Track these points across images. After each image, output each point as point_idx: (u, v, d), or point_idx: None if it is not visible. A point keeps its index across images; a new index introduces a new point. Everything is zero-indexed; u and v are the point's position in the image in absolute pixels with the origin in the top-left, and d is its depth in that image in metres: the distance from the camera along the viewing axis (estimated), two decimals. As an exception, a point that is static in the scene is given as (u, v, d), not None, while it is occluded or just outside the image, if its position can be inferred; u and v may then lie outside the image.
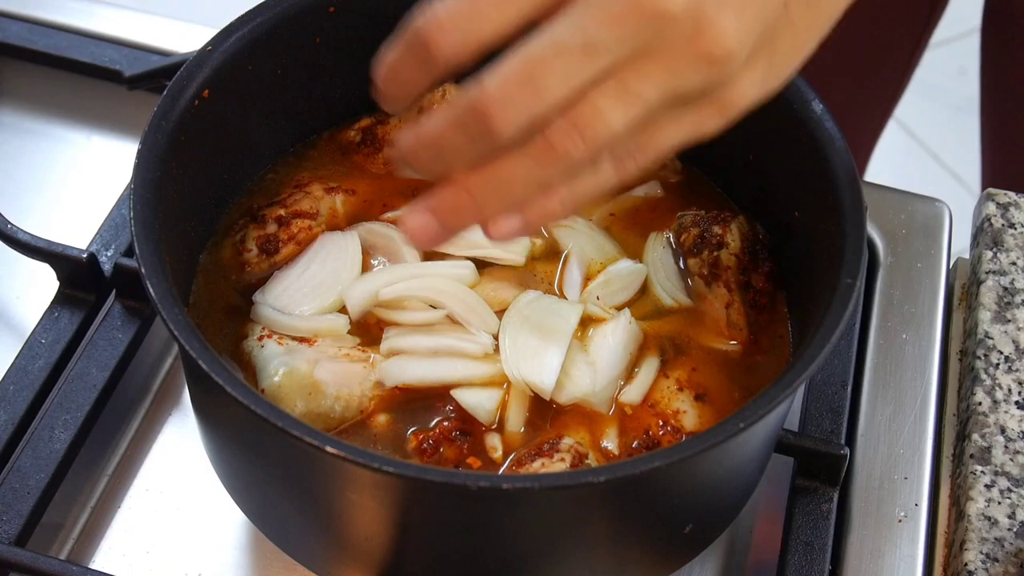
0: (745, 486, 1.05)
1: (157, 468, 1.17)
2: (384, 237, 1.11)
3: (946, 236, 1.32)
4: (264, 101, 1.12)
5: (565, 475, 0.88)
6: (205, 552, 1.11)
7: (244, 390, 0.85)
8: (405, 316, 1.05)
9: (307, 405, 0.99)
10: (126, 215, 1.11)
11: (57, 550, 1.11)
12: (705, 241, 1.09)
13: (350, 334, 1.04)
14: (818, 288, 0.99)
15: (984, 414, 1.16)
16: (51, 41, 1.42)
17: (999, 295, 1.23)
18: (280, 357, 1.00)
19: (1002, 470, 1.12)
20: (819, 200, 1.02)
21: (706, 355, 1.06)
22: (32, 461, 1.10)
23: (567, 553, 0.94)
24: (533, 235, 1.12)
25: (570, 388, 1.02)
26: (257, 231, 1.10)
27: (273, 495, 0.99)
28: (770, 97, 0.85)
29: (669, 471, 0.86)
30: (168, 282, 0.92)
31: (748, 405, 0.89)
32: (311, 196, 1.12)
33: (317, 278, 1.07)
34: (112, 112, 1.43)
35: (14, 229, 1.21)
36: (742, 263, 1.08)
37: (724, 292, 1.07)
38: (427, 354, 1.03)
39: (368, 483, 0.88)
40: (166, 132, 1.00)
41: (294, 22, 1.10)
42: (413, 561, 0.97)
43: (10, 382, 1.15)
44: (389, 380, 1.01)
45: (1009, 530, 1.09)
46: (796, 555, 1.08)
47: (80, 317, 1.20)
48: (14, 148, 1.41)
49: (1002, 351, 1.20)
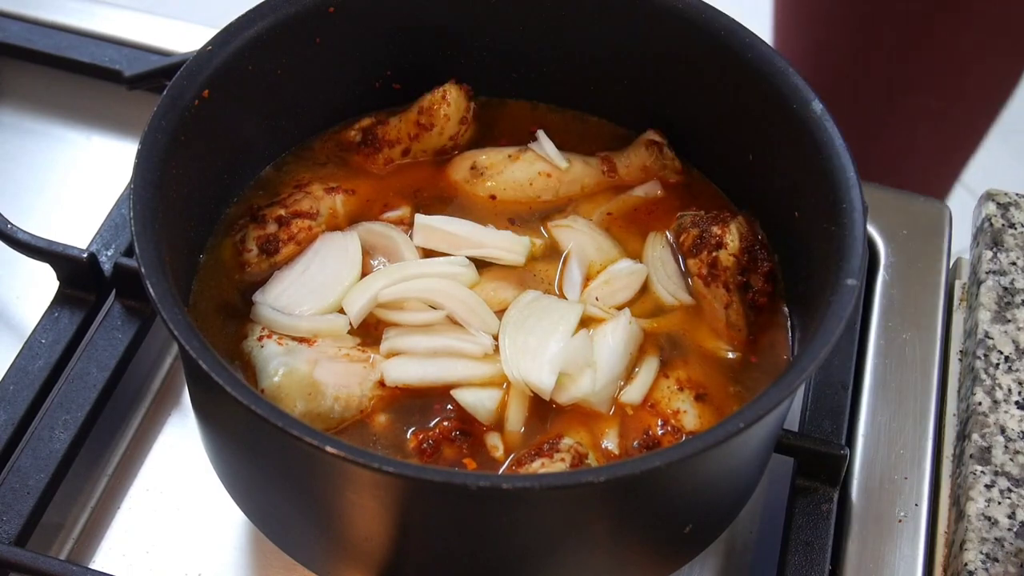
0: (745, 486, 1.05)
1: (157, 468, 1.17)
2: (384, 237, 1.11)
3: (946, 236, 1.32)
4: (264, 101, 1.12)
5: (565, 475, 0.88)
6: (205, 552, 1.11)
7: (244, 390, 0.85)
8: (405, 316, 1.05)
9: (307, 405, 0.99)
10: (126, 215, 1.11)
11: (57, 550, 1.11)
12: (704, 241, 1.09)
13: (350, 334, 1.04)
14: (818, 288, 0.99)
15: (984, 414, 1.16)
16: (51, 41, 1.42)
17: (999, 295, 1.23)
18: (280, 357, 1.00)
19: (1002, 470, 1.12)
20: (819, 200, 1.01)
21: (706, 355, 1.06)
22: (32, 461, 1.10)
23: (567, 553, 0.94)
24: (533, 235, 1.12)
25: (570, 388, 1.01)
26: (257, 231, 1.10)
27: (273, 495, 0.99)
28: None
29: (669, 471, 0.86)
30: (168, 282, 0.92)
31: (748, 405, 0.89)
32: (311, 196, 1.12)
33: (317, 279, 1.07)
34: (112, 112, 1.43)
35: (14, 229, 1.21)
36: (741, 263, 1.08)
37: (723, 292, 1.07)
38: (427, 354, 1.03)
39: (368, 483, 0.88)
40: (166, 132, 1.00)
41: (294, 22, 1.10)
42: (413, 561, 0.97)
43: (10, 382, 1.15)
44: (389, 380, 1.01)
45: (1009, 530, 1.09)
46: (796, 555, 1.08)
47: (80, 317, 1.20)
48: (14, 148, 1.41)
49: (1002, 351, 1.20)
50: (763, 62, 1.07)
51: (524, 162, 1.16)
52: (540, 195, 1.16)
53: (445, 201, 1.15)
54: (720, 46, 1.09)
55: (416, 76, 1.19)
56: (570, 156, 1.17)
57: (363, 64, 1.18)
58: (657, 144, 1.17)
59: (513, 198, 1.15)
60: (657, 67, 1.15)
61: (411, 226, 1.12)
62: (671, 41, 1.12)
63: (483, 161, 1.16)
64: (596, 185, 1.17)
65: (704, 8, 1.10)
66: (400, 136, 1.17)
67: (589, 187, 1.17)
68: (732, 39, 1.08)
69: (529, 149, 1.17)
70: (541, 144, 1.17)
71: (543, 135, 1.18)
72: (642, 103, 1.18)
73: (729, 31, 1.09)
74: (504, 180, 1.15)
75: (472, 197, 1.15)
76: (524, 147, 1.17)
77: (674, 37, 1.12)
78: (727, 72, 1.10)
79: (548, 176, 1.16)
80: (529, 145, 1.17)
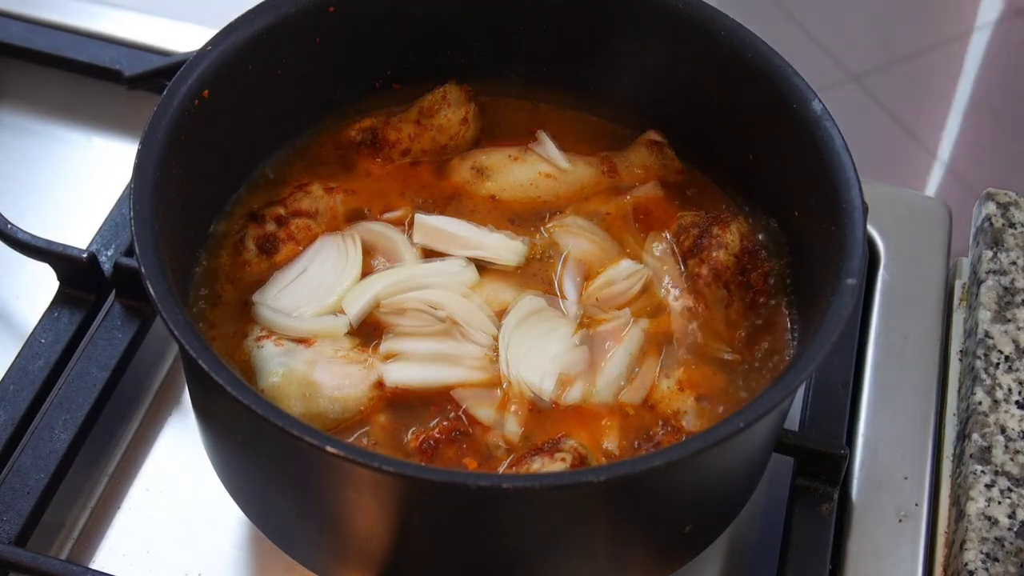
0: (745, 486, 1.05)
1: (157, 468, 1.17)
2: (384, 237, 1.11)
3: (946, 236, 1.32)
4: (264, 101, 1.12)
5: (565, 475, 0.88)
6: (205, 552, 1.11)
7: (244, 390, 0.85)
8: (405, 320, 1.05)
9: (305, 406, 0.98)
10: (126, 215, 1.11)
11: (57, 550, 1.11)
12: (704, 242, 1.09)
13: (350, 335, 1.04)
14: (818, 288, 0.99)
15: (984, 414, 1.16)
16: (51, 41, 1.42)
17: (999, 295, 1.23)
18: (278, 358, 1.00)
19: (1002, 470, 1.12)
20: (819, 200, 1.01)
21: (706, 355, 1.06)
22: (32, 461, 1.10)
23: (567, 553, 0.94)
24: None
25: (571, 389, 1.02)
26: (256, 230, 1.10)
27: (273, 495, 0.99)
28: None
29: (669, 471, 0.86)
30: (168, 282, 0.92)
31: (748, 405, 0.89)
32: (311, 196, 1.12)
33: (316, 279, 1.07)
34: (112, 112, 1.43)
35: (14, 229, 1.21)
36: (741, 264, 1.08)
37: (723, 293, 1.07)
38: (427, 357, 1.03)
39: (368, 483, 0.88)
40: (166, 132, 1.00)
41: (294, 22, 1.10)
42: (413, 561, 0.97)
43: (10, 382, 1.15)
44: (390, 382, 1.01)
45: (1009, 530, 1.09)
46: (796, 555, 1.08)
47: (80, 317, 1.20)
48: (14, 148, 1.41)
49: (1002, 351, 1.20)
50: (763, 62, 1.07)
51: (525, 163, 1.16)
52: (540, 196, 1.16)
53: (445, 201, 1.15)
54: (720, 46, 1.09)
55: (416, 76, 1.19)
56: (571, 157, 1.17)
57: (363, 64, 1.18)
58: (658, 144, 1.17)
59: (513, 198, 1.15)
60: (657, 67, 1.15)
61: (411, 226, 1.12)
62: (671, 41, 1.12)
63: (484, 162, 1.16)
64: (596, 185, 1.17)
65: (704, 8, 1.10)
66: (400, 137, 1.17)
67: (589, 188, 1.17)
68: (732, 39, 1.09)
69: (530, 150, 1.17)
70: (543, 145, 1.17)
71: (544, 136, 1.18)
72: (643, 103, 1.18)
73: (729, 31, 1.09)
74: (505, 181, 1.15)
75: (473, 197, 1.15)
76: (525, 147, 1.17)
77: (674, 37, 1.12)
78: (727, 72, 1.10)
79: (549, 177, 1.16)
80: (530, 146, 1.17)
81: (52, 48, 1.42)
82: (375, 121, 1.19)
